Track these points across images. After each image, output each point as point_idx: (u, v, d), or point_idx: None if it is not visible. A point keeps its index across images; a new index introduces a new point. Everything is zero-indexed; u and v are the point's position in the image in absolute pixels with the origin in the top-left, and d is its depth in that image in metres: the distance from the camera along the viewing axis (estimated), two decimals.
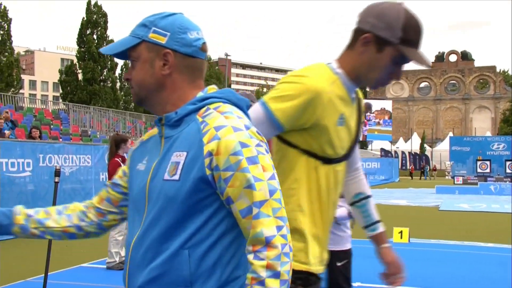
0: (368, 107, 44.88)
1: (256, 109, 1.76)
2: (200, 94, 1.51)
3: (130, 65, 1.54)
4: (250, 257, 1.33)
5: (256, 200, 1.34)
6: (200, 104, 1.48)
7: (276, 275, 1.31)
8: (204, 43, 1.52)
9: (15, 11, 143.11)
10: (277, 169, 1.62)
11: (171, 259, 1.40)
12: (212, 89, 1.54)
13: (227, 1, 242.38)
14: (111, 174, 7.06)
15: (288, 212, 1.48)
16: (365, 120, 44.64)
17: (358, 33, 1.83)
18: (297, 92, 1.75)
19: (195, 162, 1.39)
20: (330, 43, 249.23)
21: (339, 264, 3.56)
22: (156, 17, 1.50)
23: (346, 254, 3.63)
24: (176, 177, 1.40)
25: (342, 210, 3.52)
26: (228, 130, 1.38)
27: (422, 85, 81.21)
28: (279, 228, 1.34)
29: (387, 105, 48.27)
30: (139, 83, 1.51)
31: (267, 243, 1.32)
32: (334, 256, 3.43)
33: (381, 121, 45.92)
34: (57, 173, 4.13)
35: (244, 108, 1.53)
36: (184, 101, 1.49)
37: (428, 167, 50.73)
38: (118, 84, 47.92)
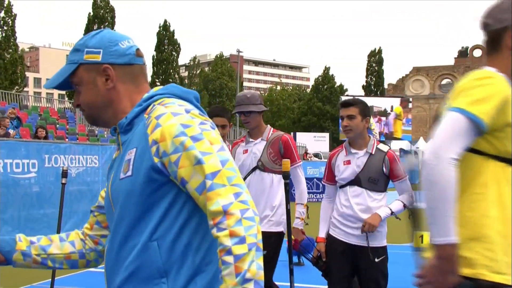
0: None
1: (454, 119, 1.76)
2: (145, 95, 1.60)
3: (75, 92, 1.64)
4: (214, 231, 1.36)
5: (208, 172, 1.38)
6: (146, 103, 1.57)
7: (242, 240, 1.32)
8: (137, 49, 1.63)
9: (20, 5, 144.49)
10: (461, 177, 1.69)
11: (141, 253, 1.46)
12: (156, 88, 1.62)
13: None
14: None
15: (474, 218, 1.48)
16: (402, 120, 44.16)
17: (497, 33, 1.82)
18: (492, 93, 1.76)
19: (144, 154, 1.47)
20: (346, 38, 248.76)
21: (377, 260, 3.73)
22: (85, 39, 1.62)
23: (384, 250, 3.83)
24: (129, 173, 1.49)
25: (398, 204, 3.76)
26: (167, 116, 1.46)
27: (444, 82, 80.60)
28: (236, 195, 1.36)
29: (405, 103, 48.05)
30: (89, 104, 1.60)
31: (225, 211, 1.34)
32: (373, 252, 3.68)
33: (403, 120, 45.54)
34: (65, 174, 4.19)
35: (191, 99, 1.59)
36: (133, 107, 1.59)
37: None
38: None
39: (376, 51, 60.17)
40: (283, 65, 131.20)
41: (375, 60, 59.56)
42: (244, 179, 3.99)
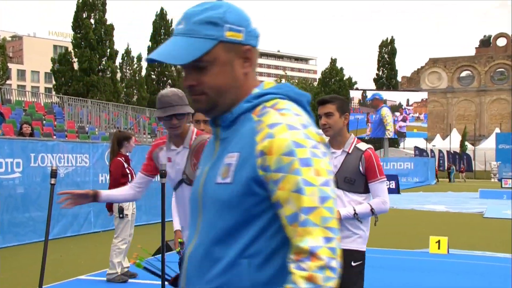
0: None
1: None
2: (255, 90, 1.54)
3: (192, 69, 1.51)
4: (292, 266, 1.34)
5: (304, 205, 1.34)
6: (256, 101, 1.51)
7: None
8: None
9: None
10: None
11: (229, 269, 1.44)
12: (268, 84, 1.57)
13: None
14: (113, 175, 7.12)
15: None
16: (405, 115, 43.84)
17: None
18: None
19: (247, 162, 1.42)
20: (354, 28, 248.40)
21: (354, 264, 3.71)
22: (220, 11, 1.48)
23: (361, 256, 3.78)
24: (229, 179, 1.44)
25: (364, 207, 3.75)
26: (282, 128, 1.40)
27: (464, 74, 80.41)
28: (327, 239, 1.34)
29: (422, 97, 47.73)
30: (218, 88, 1.49)
31: (311, 253, 1.31)
32: (349, 255, 3.63)
33: (421, 116, 44.84)
34: (53, 174, 4.16)
35: (304, 104, 1.56)
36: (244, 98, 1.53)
37: (454, 167, 48.37)
38: (118, 75, 48.26)
39: (388, 41, 60.04)
40: (288, 57, 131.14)
41: (387, 51, 59.45)
42: (174, 190, 3.83)
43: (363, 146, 3.84)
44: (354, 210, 3.70)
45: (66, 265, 8.21)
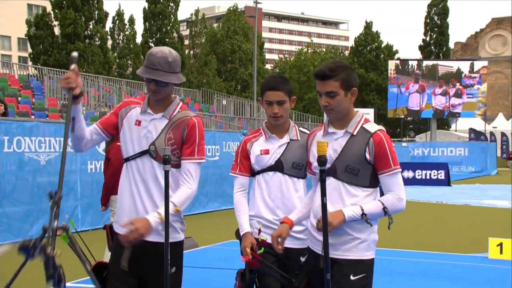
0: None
1: None
2: None
3: None
4: None
5: None
6: None
7: None
8: None
9: None
10: None
11: None
12: None
13: None
14: (114, 164, 7.05)
15: None
16: (461, 87, 42.62)
17: None
18: None
19: None
20: None
21: (353, 278, 3.61)
22: None
23: (366, 266, 3.68)
24: None
25: (375, 205, 3.64)
26: None
27: None
28: None
29: (480, 67, 46.79)
30: None
31: None
32: (347, 266, 3.59)
33: (478, 89, 43.39)
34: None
35: None
36: None
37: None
38: (109, 42, 48.40)
39: None
40: (314, 20, 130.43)
41: (437, 11, 58.68)
42: (127, 160, 3.98)
43: (372, 127, 3.67)
44: (362, 209, 3.53)
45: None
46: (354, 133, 3.62)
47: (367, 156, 3.57)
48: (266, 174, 4.24)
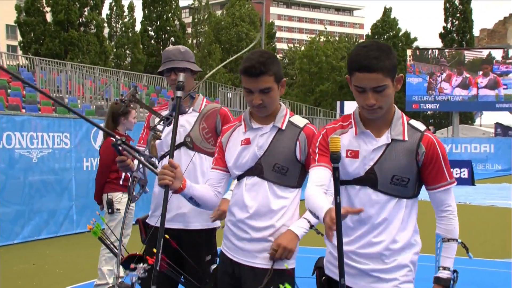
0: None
1: None
2: None
3: None
4: None
5: None
6: None
7: None
8: None
9: None
10: None
11: None
12: None
13: None
14: (102, 159, 7.08)
15: None
16: (496, 76, 40.75)
17: None
18: None
19: None
20: None
21: None
22: None
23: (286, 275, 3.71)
24: None
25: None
26: None
27: None
28: None
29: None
30: None
31: None
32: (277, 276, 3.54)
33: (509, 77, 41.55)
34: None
35: None
36: None
37: None
38: (106, 30, 48.43)
39: None
40: (327, 6, 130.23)
41: None
42: (163, 157, 4.38)
43: (300, 121, 3.67)
44: (309, 221, 3.56)
45: (41, 276, 8.26)
46: (283, 128, 3.63)
47: (298, 153, 3.59)
48: None
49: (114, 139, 3.61)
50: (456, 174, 26.85)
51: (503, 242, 11.34)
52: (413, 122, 3.29)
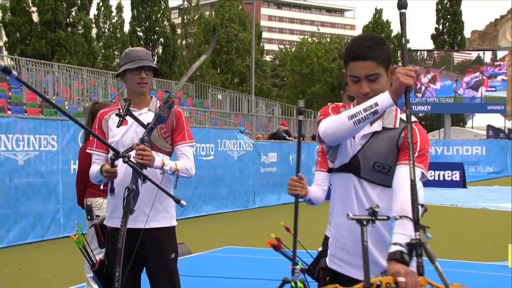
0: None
1: None
2: None
3: None
4: None
5: None
6: None
7: None
8: None
9: None
10: None
11: None
12: None
13: None
14: (81, 163, 7.01)
15: None
16: (485, 78, 41.22)
17: None
18: None
19: None
20: None
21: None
22: None
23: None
24: None
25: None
26: None
27: None
28: None
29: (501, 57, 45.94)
30: None
31: None
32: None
33: (498, 82, 42.01)
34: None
35: None
36: None
37: None
38: (94, 31, 48.29)
39: None
40: (318, 7, 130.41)
41: None
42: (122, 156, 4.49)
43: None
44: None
45: (26, 281, 8.22)
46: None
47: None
48: None
49: (115, 154, 3.88)
50: (448, 176, 26.96)
51: (494, 244, 11.37)
52: (404, 116, 3.29)
